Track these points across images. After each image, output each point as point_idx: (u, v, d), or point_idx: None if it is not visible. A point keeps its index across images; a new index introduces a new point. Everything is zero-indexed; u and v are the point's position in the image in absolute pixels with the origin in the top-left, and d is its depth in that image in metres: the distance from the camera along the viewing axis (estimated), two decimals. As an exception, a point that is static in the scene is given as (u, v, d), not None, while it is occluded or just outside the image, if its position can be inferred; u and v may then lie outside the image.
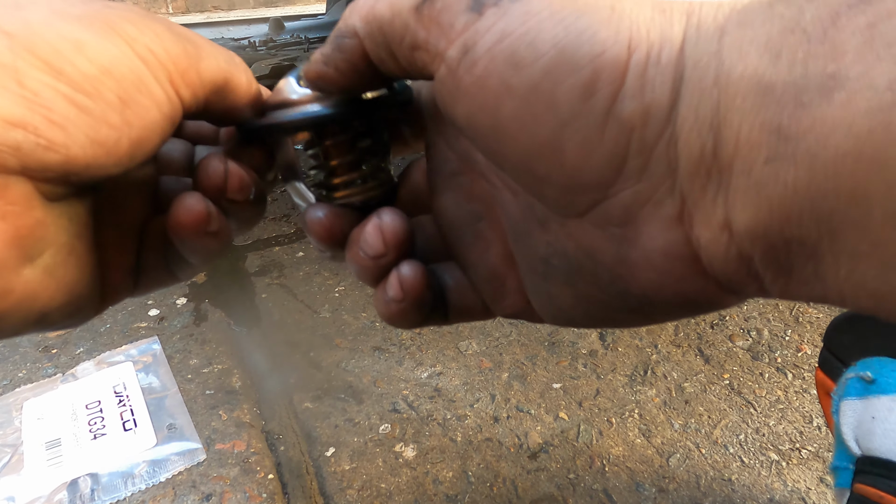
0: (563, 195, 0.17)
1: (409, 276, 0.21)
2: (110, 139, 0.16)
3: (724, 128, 0.14)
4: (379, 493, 0.58)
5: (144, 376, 0.72)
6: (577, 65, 0.15)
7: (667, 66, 0.15)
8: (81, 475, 0.59)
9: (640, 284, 0.17)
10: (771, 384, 0.70)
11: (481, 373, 0.73)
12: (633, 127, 0.15)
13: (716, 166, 0.14)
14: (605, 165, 0.16)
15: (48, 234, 0.17)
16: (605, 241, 0.17)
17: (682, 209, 0.15)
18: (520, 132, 0.16)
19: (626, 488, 0.58)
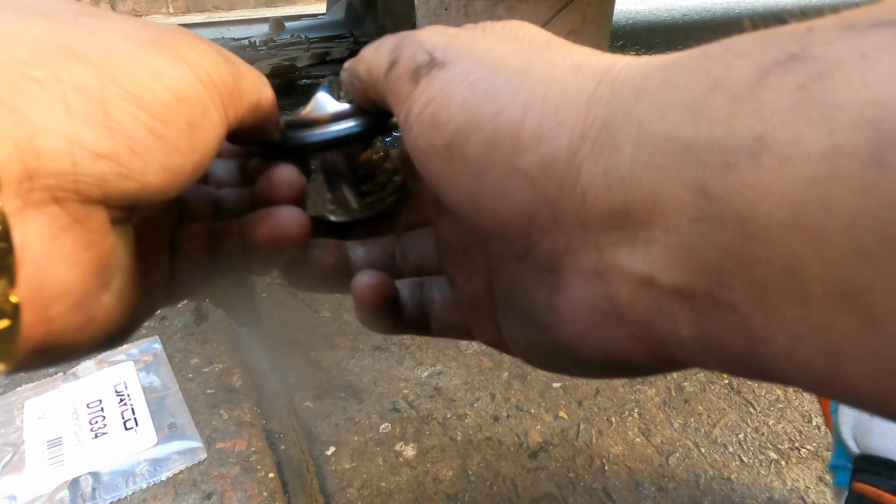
0: (502, 241, 0.18)
1: (367, 284, 0.22)
2: (178, 165, 0.16)
3: (638, 185, 0.14)
4: (379, 491, 0.58)
5: (145, 375, 0.72)
6: (479, 123, 0.16)
7: (563, 122, 0.15)
8: (83, 474, 0.59)
9: (568, 337, 0.17)
10: (770, 383, 0.70)
11: (481, 372, 0.73)
12: (532, 177, 0.15)
13: (630, 222, 0.14)
14: (518, 215, 0.16)
15: (118, 258, 0.17)
16: (539, 287, 0.17)
17: (598, 263, 0.15)
18: (448, 186, 0.17)
19: (626, 487, 0.58)
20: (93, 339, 0.16)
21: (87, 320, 0.16)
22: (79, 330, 0.16)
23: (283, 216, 0.21)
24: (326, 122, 0.22)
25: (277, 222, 0.21)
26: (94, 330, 0.16)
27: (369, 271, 0.22)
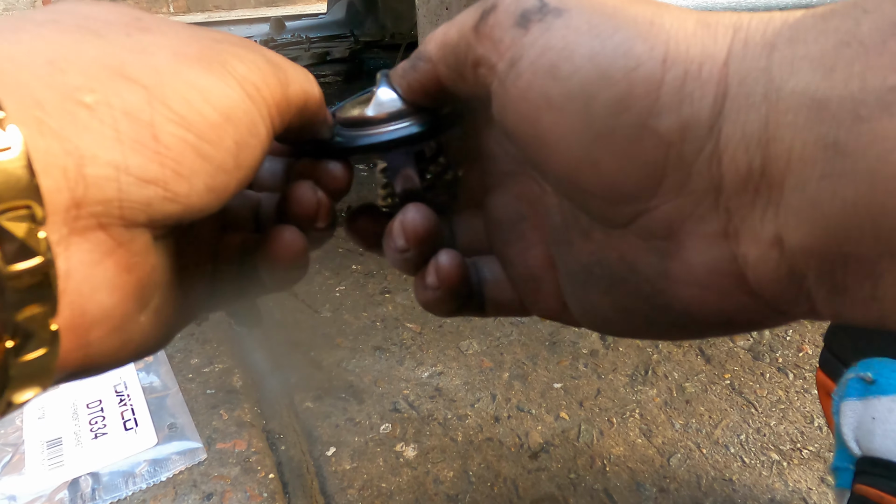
0: (605, 206, 0.17)
1: (445, 266, 0.21)
2: (223, 184, 0.16)
3: (773, 144, 0.13)
4: (380, 492, 0.58)
5: (145, 375, 0.72)
6: (612, 79, 0.15)
7: (708, 81, 0.14)
8: (82, 474, 0.59)
9: (681, 300, 0.17)
10: (772, 384, 0.70)
11: (482, 372, 0.73)
12: (670, 142, 0.15)
13: (764, 183, 0.14)
14: (642, 179, 0.15)
15: (159, 276, 0.17)
16: (647, 254, 0.17)
17: (727, 225, 0.15)
18: (559, 143, 0.16)
19: (627, 488, 0.58)
20: (128, 357, 0.16)
21: (125, 341, 0.16)
22: (116, 351, 0.16)
23: (281, 238, 0.21)
24: (385, 120, 0.21)
25: (274, 243, 0.20)
26: (131, 349, 0.16)
27: (448, 251, 0.21)
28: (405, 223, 0.21)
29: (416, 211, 0.21)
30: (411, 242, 0.21)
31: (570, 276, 0.20)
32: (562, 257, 0.20)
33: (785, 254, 0.14)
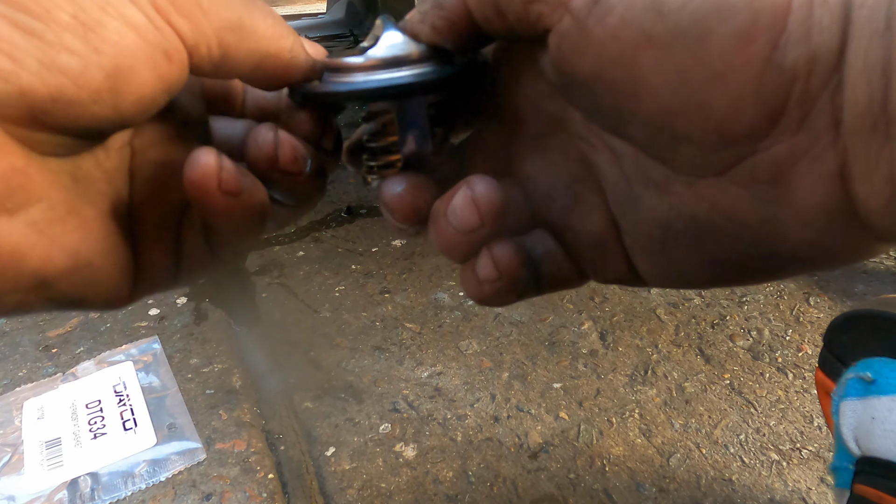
0: (703, 153, 0.15)
1: (505, 256, 0.19)
2: (73, 67, 0.14)
3: (895, 75, 0.12)
4: (379, 492, 0.58)
5: (144, 376, 0.72)
6: (733, 8, 0.13)
7: (835, 4, 0.13)
8: (81, 474, 0.59)
9: (790, 244, 0.15)
10: (771, 384, 0.70)
11: (481, 372, 0.73)
12: (795, 76, 0.13)
13: (883, 118, 0.13)
14: (758, 119, 0.14)
15: (32, 185, 0.15)
16: (748, 201, 0.15)
17: (844, 163, 0.14)
18: (661, 86, 0.14)
19: (627, 488, 0.58)
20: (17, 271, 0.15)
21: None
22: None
23: (191, 159, 0.17)
24: (397, 63, 0.18)
25: (186, 168, 0.17)
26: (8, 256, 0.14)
27: (502, 242, 0.19)
28: (478, 198, 0.18)
29: (486, 183, 0.18)
30: (486, 220, 0.18)
31: (641, 235, 0.18)
32: (628, 216, 0.18)
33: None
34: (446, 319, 0.83)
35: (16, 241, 0.15)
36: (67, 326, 0.83)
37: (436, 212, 0.19)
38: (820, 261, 0.16)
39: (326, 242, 1.04)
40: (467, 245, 0.19)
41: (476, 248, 0.19)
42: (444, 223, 0.19)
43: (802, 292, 0.85)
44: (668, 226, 0.17)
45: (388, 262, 0.97)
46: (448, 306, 0.85)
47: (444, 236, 0.19)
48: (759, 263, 0.17)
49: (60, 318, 0.85)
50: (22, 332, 0.82)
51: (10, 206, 0.14)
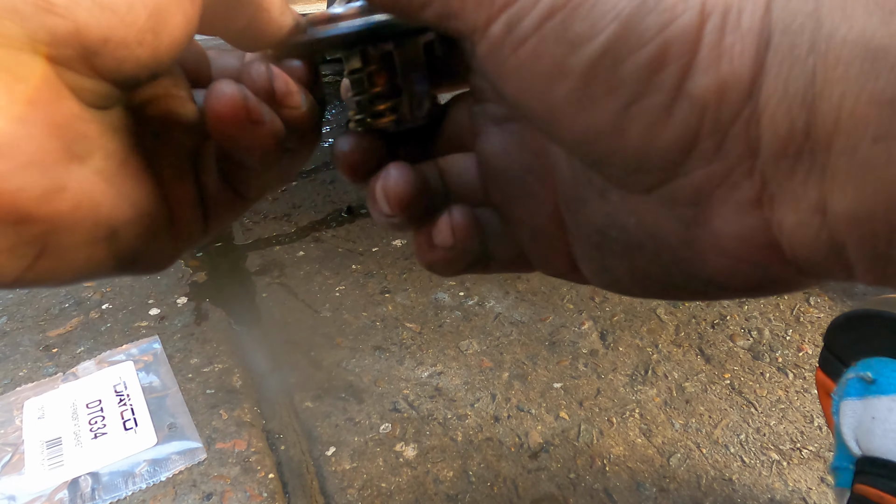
0: (626, 175, 0.15)
1: (462, 224, 0.19)
2: (120, 5, 0.14)
3: (820, 101, 0.12)
4: (379, 492, 0.58)
5: (145, 375, 0.72)
6: (643, 38, 0.13)
7: (749, 31, 0.13)
8: (82, 474, 0.59)
9: (707, 269, 0.16)
10: (772, 384, 0.70)
11: (482, 372, 0.73)
12: (706, 105, 0.13)
13: (808, 146, 0.13)
14: (672, 147, 0.14)
15: (92, 134, 0.15)
16: (671, 222, 0.15)
17: (762, 192, 0.14)
18: (576, 115, 0.15)
19: (627, 488, 0.58)
20: (78, 215, 0.15)
21: (55, 186, 0.14)
22: (47, 195, 0.14)
23: (214, 91, 0.17)
24: (354, 15, 0.19)
25: (209, 101, 0.17)
26: (73, 202, 0.14)
27: (460, 206, 0.19)
28: (388, 188, 0.19)
29: (399, 172, 0.19)
30: (395, 210, 0.19)
31: (582, 236, 0.19)
32: (573, 216, 0.19)
33: (827, 221, 0.13)
34: (447, 319, 0.83)
35: (90, 189, 0.15)
36: (68, 326, 0.83)
37: (370, 190, 0.20)
38: (741, 289, 0.16)
39: (327, 242, 1.04)
40: (390, 227, 0.20)
41: (406, 227, 0.20)
42: (371, 203, 0.20)
43: (803, 292, 0.85)
44: (604, 232, 0.18)
45: (388, 261, 0.97)
46: (448, 306, 0.85)
47: (374, 213, 0.20)
48: (682, 283, 0.17)
49: (61, 317, 0.85)
50: (23, 332, 0.82)
51: (78, 152, 0.15)
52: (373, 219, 0.20)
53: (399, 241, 1.03)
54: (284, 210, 1.17)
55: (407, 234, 0.21)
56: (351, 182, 0.21)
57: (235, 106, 0.17)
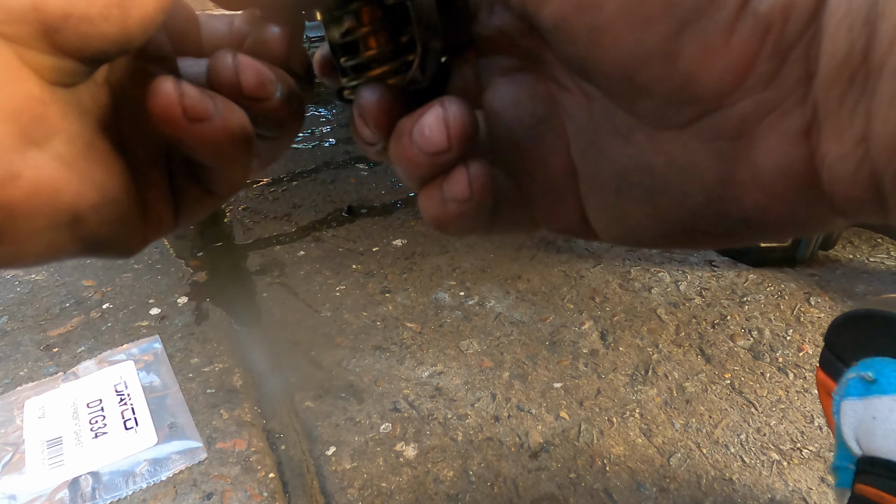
0: (665, 106, 0.15)
1: (481, 176, 0.18)
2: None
3: (881, 20, 0.11)
4: (380, 492, 0.58)
5: (145, 375, 0.72)
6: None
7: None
8: (82, 474, 0.59)
9: (742, 206, 0.15)
10: (772, 384, 0.69)
11: (482, 372, 0.73)
12: (770, 24, 0.13)
13: (863, 70, 0.12)
14: (726, 72, 0.13)
15: (52, 116, 0.15)
16: (707, 158, 0.15)
17: (813, 121, 0.13)
18: (624, 36, 0.14)
19: (627, 488, 0.58)
20: (36, 201, 0.14)
21: (8, 174, 0.14)
22: (6, 184, 0.14)
23: (150, 90, 0.16)
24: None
25: (148, 100, 0.16)
26: (29, 189, 0.14)
27: (477, 161, 0.18)
28: (449, 118, 0.17)
29: (460, 104, 0.17)
30: (454, 143, 0.17)
31: (597, 185, 0.18)
32: (588, 164, 0.18)
33: (870, 152, 0.12)
34: (447, 319, 0.83)
35: (49, 175, 0.14)
36: (68, 326, 0.83)
37: (401, 129, 0.18)
38: (771, 229, 0.15)
39: (327, 242, 1.04)
40: (427, 168, 0.18)
41: (437, 171, 0.18)
42: (406, 142, 0.18)
43: (803, 292, 0.85)
44: (625, 177, 0.17)
45: (388, 261, 0.97)
46: (449, 306, 0.85)
47: (405, 155, 0.18)
48: (709, 225, 0.16)
49: (61, 317, 0.85)
50: (23, 332, 0.82)
51: (36, 136, 0.14)
52: (397, 164, 0.18)
53: (399, 240, 1.03)
54: (285, 210, 1.17)
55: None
56: (369, 139, 0.19)
57: (169, 105, 0.16)
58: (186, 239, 1.07)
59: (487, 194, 0.18)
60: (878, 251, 0.94)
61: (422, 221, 1.09)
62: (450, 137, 0.17)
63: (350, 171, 1.34)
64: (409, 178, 0.18)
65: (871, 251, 0.95)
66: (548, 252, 0.98)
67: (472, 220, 0.18)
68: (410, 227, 1.08)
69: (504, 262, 0.96)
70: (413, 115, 0.18)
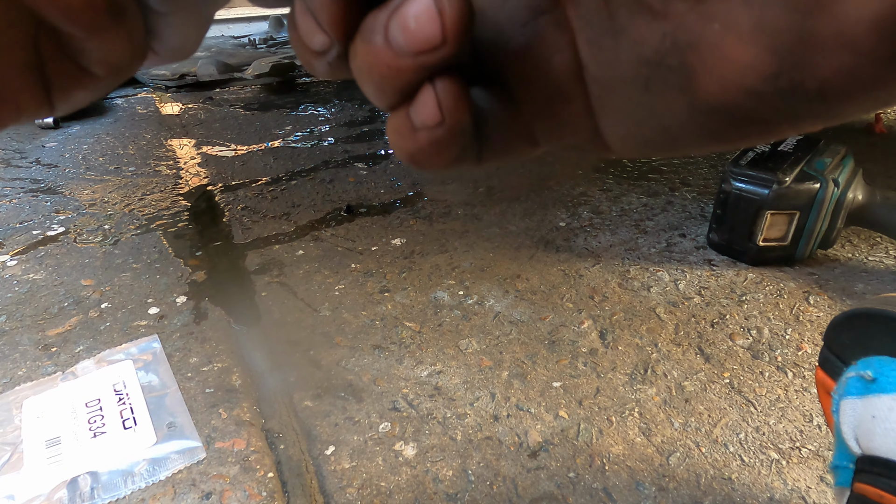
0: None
1: (452, 93, 0.14)
2: None
3: None
4: (379, 491, 0.58)
5: (144, 374, 0.72)
6: None
7: None
8: (81, 473, 0.59)
9: (819, 75, 0.12)
10: (771, 383, 0.70)
11: (481, 371, 0.73)
12: None
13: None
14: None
15: None
16: (778, 15, 0.12)
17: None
18: None
19: (627, 487, 0.58)
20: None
21: None
22: None
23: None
24: None
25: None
26: None
27: (447, 75, 0.14)
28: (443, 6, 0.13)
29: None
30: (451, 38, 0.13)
31: (614, 82, 0.15)
32: (602, 58, 0.15)
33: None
34: (446, 318, 0.83)
35: None
36: (67, 325, 0.83)
37: (372, 25, 0.14)
38: (853, 103, 0.13)
39: (326, 241, 1.04)
40: (412, 75, 0.14)
41: (414, 82, 0.15)
42: (380, 41, 0.14)
43: (802, 291, 0.85)
44: (659, 63, 0.14)
45: (387, 260, 0.97)
46: (448, 305, 0.85)
47: (379, 61, 0.14)
48: (773, 107, 0.13)
49: (60, 316, 0.85)
50: (21, 331, 0.82)
51: None
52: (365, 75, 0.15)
53: (398, 239, 1.03)
54: (283, 209, 1.17)
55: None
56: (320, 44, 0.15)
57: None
58: (185, 238, 1.07)
59: (464, 114, 0.15)
60: (877, 250, 0.95)
61: (421, 220, 1.09)
62: (445, 28, 0.13)
63: (349, 170, 1.34)
64: (382, 94, 0.15)
65: (870, 250, 0.95)
66: (547, 251, 0.98)
67: (449, 149, 0.15)
68: (409, 227, 1.08)
69: (503, 261, 0.96)
70: (387, 5, 0.14)
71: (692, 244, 0.99)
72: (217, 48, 2.55)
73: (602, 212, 1.11)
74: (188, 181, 1.32)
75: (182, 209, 1.18)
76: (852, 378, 0.38)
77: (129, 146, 1.55)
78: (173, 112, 1.87)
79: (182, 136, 1.63)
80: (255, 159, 1.43)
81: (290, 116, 1.75)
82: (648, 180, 1.23)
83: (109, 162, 1.44)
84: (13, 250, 1.03)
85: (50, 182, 1.33)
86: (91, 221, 1.14)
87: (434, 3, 0.13)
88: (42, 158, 1.47)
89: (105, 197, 1.25)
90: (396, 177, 1.29)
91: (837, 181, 0.85)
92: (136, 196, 1.25)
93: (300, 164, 1.38)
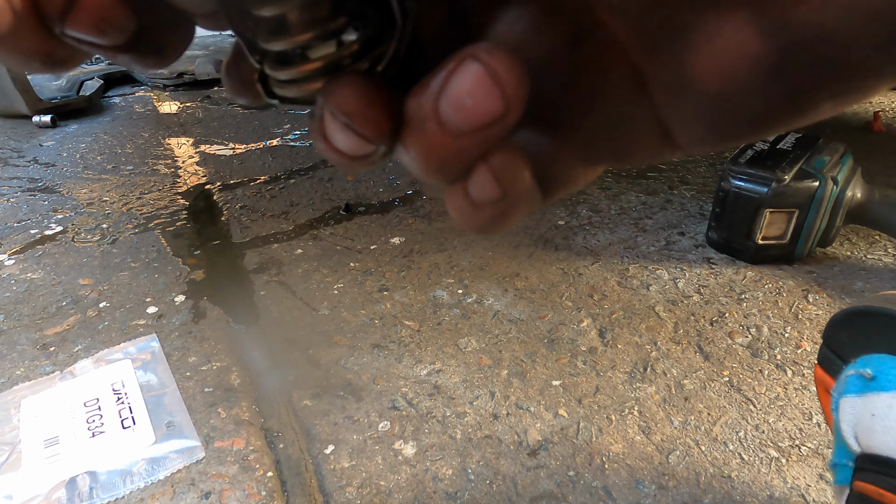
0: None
1: (509, 166, 0.13)
2: None
3: None
4: (378, 490, 0.58)
5: (143, 374, 0.72)
6: None
7: None
8: (80, 473, 0.59)
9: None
10: (770, 381, 0.70)
11: (480, 370, 0.73)
12: None
13: None
14: None
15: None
16: None
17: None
18: None
19: (626, 485, 0.58)
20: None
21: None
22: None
23: None
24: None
25: None
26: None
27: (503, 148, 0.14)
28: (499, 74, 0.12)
29: (503, 53, 0.13)
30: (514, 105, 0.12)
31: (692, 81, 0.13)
32: (668, 59, 0.13)
33: None
34: (445, 317, 0.83)
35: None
36: (65, 325, 0.83)
37: (418, 114, 0.13)
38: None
39: (325, 240, 1.04)
40: (477, 148, 0.13)
41: (482, 152, 0.13)
42: (434, 127, 0.13)
43: (801, 289, 0.85)
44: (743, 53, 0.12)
45: (386, 259, 0.97)
46: (447, 304, 0.85)
47: (438, 145, 0.13)
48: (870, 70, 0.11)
49: (58, 316, 0.85)
50: (19, 331, 0.82)
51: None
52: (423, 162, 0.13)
53: (397, 238, 1.03)
54: (282, 208, 1.17)
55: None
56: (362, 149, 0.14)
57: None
58: (183, 237, 1.07)
59: (525, 181, 0.14)
60: (876, 248, 0.95)
61: (419, 219, 1.09)
62: (506, 95, 0.12)
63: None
64: (441, 178, 0.14)
65: (868, 248, 0.95)
66: (546, 250, 0.98)
67: (514, 215, 0.15)
68: (408, 225, 1.08)
69: (502, 259, 0.95)
70: (427, 84, 0.13)
71: (691, 242, 0.99)
72: (215, 46, 2.55)
73: (601, 210, 1.11)
74: (186, 180, 1.32)
75: (180, 208, 1.18)
76: (851, 376, 0.38)
77: (127, 145, 1.55)
78: (171, 111, 1.86)
79: (180, 135, 1.62)
80: (254, 158, 1.43)
81: (288, 115, 1.75)
82: (647, 179, 1.23)
83: (107, 161, 1.44)
84: (11, 249, 1.03)
85: (48, 181, 1.32)
86: (89, 220, 1.14)
87: (486, 73, 0.12)
88: (40, 157, 1.47)
89: (103, 196, 1.24)
90: (395, 175, 1.29)
91: (836, 179, 0.85)
92: (134, 195, 1.24)
93: (299, 162, 1.38)
